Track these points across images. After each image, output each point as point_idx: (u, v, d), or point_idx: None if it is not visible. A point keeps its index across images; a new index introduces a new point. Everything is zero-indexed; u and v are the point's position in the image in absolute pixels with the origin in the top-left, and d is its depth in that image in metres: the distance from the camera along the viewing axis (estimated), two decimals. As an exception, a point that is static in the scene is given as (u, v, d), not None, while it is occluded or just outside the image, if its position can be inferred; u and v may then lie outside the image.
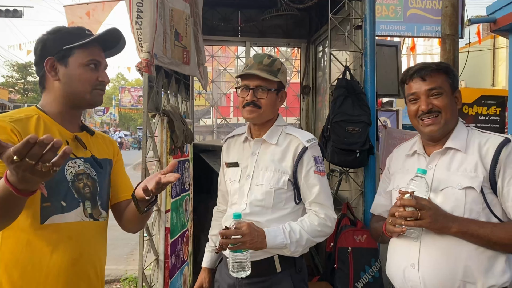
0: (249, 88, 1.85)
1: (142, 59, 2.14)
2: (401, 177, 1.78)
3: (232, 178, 1.95)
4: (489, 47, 16.49)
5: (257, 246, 1.68)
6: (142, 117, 2.17)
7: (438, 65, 1.70)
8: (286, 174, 1.83)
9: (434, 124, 1.65)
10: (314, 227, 1.80)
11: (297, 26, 4.61)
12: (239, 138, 2.01)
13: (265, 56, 1.89)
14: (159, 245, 2.40)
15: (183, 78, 2.91)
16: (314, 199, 1.83)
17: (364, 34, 3.28)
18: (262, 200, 1.83)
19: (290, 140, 1.88)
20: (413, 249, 1.63)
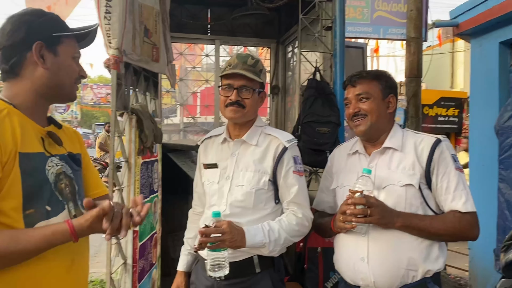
0: (233, 87, 1.84)
1: (110, 56, 2.06)
2: (344, 176, 1.90)
3: (210, 179, 1.93)
4: (449, 50, 17.10)
5: (236, 244, 1.68)
6: (108, 115, 2.09)
7: (368, 73, 1.87)
8: (266, 174, 1.84)
9: (361, 125, 1.81)
10: (292, 226, 1.82)
11: (267, 26, 4.60)
12: (216, 139, 1.99)
13: (249, 56, 1.89)
14: (127, 248, 2.33)
15: (151, 75, 2.83)
16: (292, 198, 1.84)
17: (334, 35, 3.31)
18: (243, 201, 1.82)
19: (270, 141, 1.89)
20: (361, 244, 1.74)
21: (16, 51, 1.36)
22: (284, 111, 4.58)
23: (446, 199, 1.72)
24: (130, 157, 2.32)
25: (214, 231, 1.63)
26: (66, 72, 1.42)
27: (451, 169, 1.73)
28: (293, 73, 4.43)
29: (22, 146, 1.28)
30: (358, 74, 1.86)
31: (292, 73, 4.45)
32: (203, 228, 1.65)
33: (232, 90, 1.84)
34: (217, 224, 1.65)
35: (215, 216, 1.67)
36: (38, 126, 1.39)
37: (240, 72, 1.81)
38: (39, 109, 1.42)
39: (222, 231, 1.63)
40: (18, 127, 1.30)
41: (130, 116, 2.31)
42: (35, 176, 1.30)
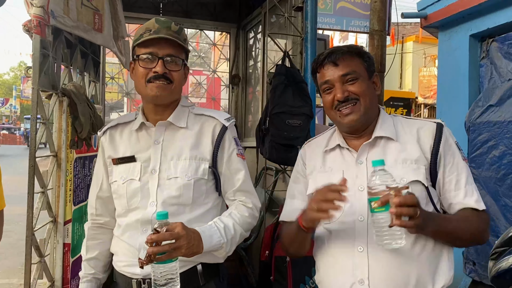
0: (157, 57, 1.46)
1: (32, 16, 1.56)
2: (326, 177, 1.48)
3: (126, 176, 1.54)
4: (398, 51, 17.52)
5: (193, 250, 1.34)
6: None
7: (350, 47, 1.51)
8: (205, 161, 1.54)
9: (353, 113, 1.44)
10: (245, 219, 1.55)
11: (227, 9, 4.18)
12: (127, 127, 1.61)
13: (172, 22, 1.53)
14: (55, 267, 1.82)
15: (91, 53, 2.32)
16: (240, 186, 1.58)
17: (305, 17, 2.95)
18: (179, 197, 1.49)
19: (203, 121, 1.59)
20: (359, 261, 1.39)
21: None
22: (245, 103, 4.18)
23: (456, 195, 1.42)
24: (59, 150, 1.81)
25: (169, 237, 1.25)
26: None
27: (459, 160, 1.44)
28: (256, 61, 4.04)
29: None
30: (338, 50, 1.47)
31: (255, 62, 4.06)
32: (153, 234, 1.25)
33: (157, 60, 1.46)
34: (169, 227, 1.27)
35: (161, 218, 1.27)
36: None
37: (167, 36, 1.46)
38: None
39: (177, 236, 1.27)
40: None
41: (61, 98, 1.81)
42: None
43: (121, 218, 1.55)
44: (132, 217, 1.50)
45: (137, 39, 1.49)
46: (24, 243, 4.86)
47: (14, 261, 5.72)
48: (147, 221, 1.47)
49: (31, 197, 1.56)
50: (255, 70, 4.05)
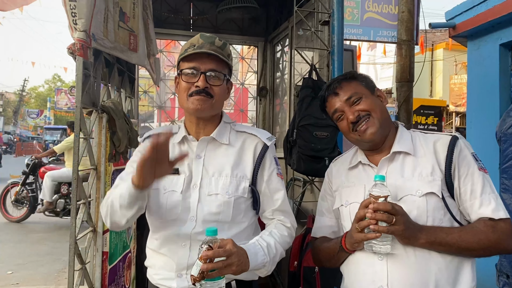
0: (199, 71, 1.47)
1: (76, 40, 1.68)
2: (349, 192, 1.60)
3: (168, 187, 1.53)
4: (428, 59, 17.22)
5: (242, 268, 1.33)
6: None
7: (344, 75, 1.64)
8: (245, 179, 1.53)
9: (370, 127, 1.52)
10: (285, 238, 1.54)
11: (254, 23, 4.28)
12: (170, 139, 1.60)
13: (216, 37, 1.53)
14: (95, 273, 1.93)
15: (127, 70, 2.45)
16: (279, 206, 1.57)
17: (331, 30, 3.00)
18: (219, 214, 1.49)
19: (245, 139, 1.59)
20: (379, 269, 1.45)
21: None
22: (272, 114, 4.24)
23: (472, 205, 1.45)
24: (99, 164, 1.93)
25: (222, 253, 1.25)
26: None
27: (474, 170, 1.47)
28: (283, 73, 4.11)
29: None
30: (334, 81, 1.59)
31: (282, 74, 4.13)
32: (208, 250, 1.25)
33: (199, 75, 1.47)
34: (220, 244, 1.28)
35: (211, 234, 1.28)
36: None
37: (209, 52, 1.46)
38: None
39: (229, 253, 1.27)
40: None
41: (100, 115, 1.92)
42: None
43: (159, 231, 1.55)
44: (170, 230, 1.51)
45: (182, 54, 1.51)
46: (59, 251, 5.04)
47: (50, 268, 5.91)
48: (186, 236, 1.47)
49: (74, 207, 1.67)
50: (282, 82, 4.12)
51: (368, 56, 18.43)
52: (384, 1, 5.56)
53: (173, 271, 1.47)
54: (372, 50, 18.60)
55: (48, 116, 47.13)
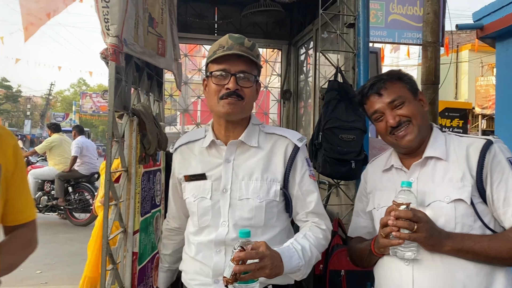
0: (230, 73, 1.45)
1: (108, 45, 1.72)
2: (380, 195, 1.62)
3: (198, 194, 1.54)
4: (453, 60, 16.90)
5: (276, 271, 1.31)
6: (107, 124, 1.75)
7: (389, 74, 1.59)
8: (276, 182, 1.51)
9: (409, 134, 1.51)
10: (320, 241, 1.51)
11: (278, 27, 4.29)
12: (196, 144, 1.61)
13: (245, 38, 1.51)
14: (125, 274, 1.97)
15: (155, 74, 2.49)
16: (313, 209, 1.54)
17: (357, 32, 3.00)
18: (251, 218, 1.48)
19: (275, 141, 1.56)
20: (405, 274, 1.46)
21: None
22: (296, 117, 4.25)
23: (505, 213, 1.41)
24: (130, 166, 1.97)
25: (255, 255, 1.24)
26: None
27: (509, 176, 1.42)
28: (307, 76, 4.11)
29: None
30: (379, 79, 1.56)
31: (306, 77, 4.13)
32: (240, 252, 1.24)
33: (229, 77, 1.45)
34: (253, 246, 1.26)
35: (244, 236, 1.27)
36: None
37: (240, 53, 1.43)
38: None
39: (262, 255, 1.25)
40: None
41: (131, 118, 1.97)
42: None
43: (194, 237, 1.56)
44: (204, 237, 1.52)
45: (211, 56, 1.49)
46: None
47: (77, 268, 6.03)
48: (220, 242, 1.47)
49: (106, 208, 1.71)
50: (306, 85, 4.12)
51: (391, 58, 18.22)
52: (409, 2, 5.50)
53: (210, 277, 1.48)
54: (396, 52, 18.39)
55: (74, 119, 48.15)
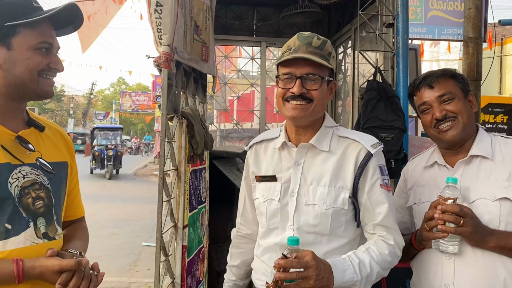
0: (295, 76, 1.41)
1: (161, 53, 1.86)
2: (422, 191, 1.65)
3: (267, 195, 1.52)
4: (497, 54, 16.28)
5: (323, 284, 1.26)
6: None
7: (444, 71, 1.64)
8: (345, 189, 1.44)
9: (453, 128, 1.55)
10: (385, 257, 1.42)
11: (316, 26, 4.34)
12: (270, 144, 1.59)
13: (314, 36, 1.45)
14: (176, 266, 2.11)
15: (200, 77, 2.63)
16: (381, 221, 1.45)
17: (396, 32, 3.01)
18: (316, 226, 1.43)
19: (347, 146, 1.48)
20: (446, 267, 1.51)
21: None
22: (334, 116, 4.29)
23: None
24: (180, 164, 2.11)
25: (296, 265, 1.22)
26: (26, 66, 1.21)
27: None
28: (345, 75, 4.14)
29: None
30: (433, 74, 1.62)
31: (344, 76, 4.16)
32: (281, 259, 1.23)
33: (294, 80, 1.41)
34: (298, 255, 1.24)
35: (292, 244, 1.26)
36: (5, 130, 1.22)
37: (304, 56, 1.39)
38: (8, 110, 1.25)
39: (305, 265, 1.23)
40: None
41: (181, 120, 2.10)
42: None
43: (262, 239, 1.56)
44: (271, 239, 1.51)
45: (279, 58, 1.48)
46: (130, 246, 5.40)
47: (122, 261, 6.32)
48: (285, 245, 1.37)
49: (160, 204, 1.85)
50: (344, 84, 4.16)
51: (431, 53, 17.76)
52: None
53: None
54: (436, 46, 17.91)
55: (114, 117, 49.64)
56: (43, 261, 1.16)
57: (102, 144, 18.02)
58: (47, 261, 1.16)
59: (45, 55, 1.24)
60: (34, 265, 1.15)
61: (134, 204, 11.49)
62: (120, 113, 44.57)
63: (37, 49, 1.23)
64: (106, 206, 10.75)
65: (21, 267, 1.13)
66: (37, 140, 1.29)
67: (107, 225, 8.48)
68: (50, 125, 1.40)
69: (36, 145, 1.27)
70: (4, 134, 1.22)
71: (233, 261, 1.74)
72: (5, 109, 1.24)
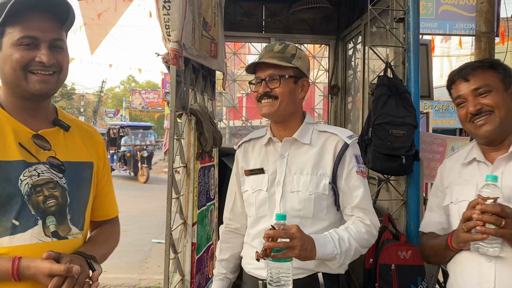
0: (261, 79, 1.65)
1: (169, 50, 1.85)
2: (460, 189, 1.58)
3: (256, 187, 1.69)
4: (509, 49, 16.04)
5: (306, 254, 1.42)
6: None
7: (481, 62, 1.59)
8: (326, 177, 1.62)
9: (487, 124, 1.49)
10: (362, 235, 1.59)
11: (325, 22, 4.30)
12: (258, 142, 1.78)
13: (276, 44, 1.69)
14: (185, 263, 2.11)
15: (209, 74, 2.61)
16: (358, 203, 1.62)
17: (407, 27, 2.97)
18: (300, 210, 1.60)
19: (326, 138, 1.67)
20: (486, 271, 1.43)
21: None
22: (344, 112, 4.26)
23: None
24: (189, 161, 2.10)
25: (283, 235, 1.37)
26: (9, 65, 1.21)
27: None
28: (355, 71, 4.10)
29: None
30: (469, 65, 1.57)
31: (354, 71, 4.12)
32: (270, 230, 1.38)
33: (261, 83, 1.64)
34: (285, 227, 1.39)
35: (279, 219, 1.41)
36: (25, 128, 1.22)
37: (264, 60, 1.63)
38: (27, 109, 1.25)
39: (291, 236, 1.38)
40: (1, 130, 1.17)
41: (189, 117, 2.10)
42: (3, 187, 1.17)
43: (251, 228, 1.71)
44: (260, 226, 1.66)
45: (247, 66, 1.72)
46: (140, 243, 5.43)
47: (133, 258, 6.37)
48: None
49: (169, 201, 1.85)
50: (354, 80, 4.12)
51: (442, 48, 17.53)
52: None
53: (262, 261, 1.58)
54: (447, 42, 17.69)
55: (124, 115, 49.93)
56: (38, 263, 1.16)
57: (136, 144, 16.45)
58: (41, 263, 1.15)
59: (28, 50, 1.21)
60: (30, 265, 1.15)
61: (144, 200, 11.57)
62: (130, 111, 44.80)
63: (19, 45, 1.21)
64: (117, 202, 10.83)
65: (16, 266, 1.13)
66: (58, 140, 1.30)
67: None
68: (80, 125, 1.40)
69: (56, 144, 1.28)
70: (23, 132, 1.23)
71: (222, 255, 1.86)
72: (21, 108, 1.25)
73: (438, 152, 4.22)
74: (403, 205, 2.97)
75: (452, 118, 15.94)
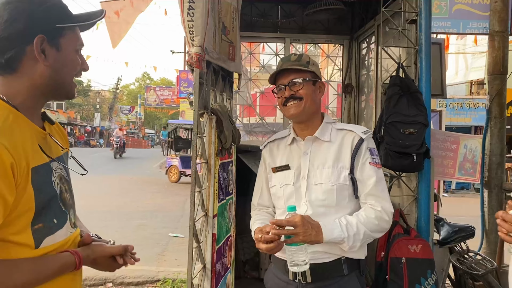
0: (284, 85, 1.85)
1: (193, 54, 1.99)
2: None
3: (283, 182, 1.89)
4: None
5: (311, 239, 1.62)
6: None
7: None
8: (345, 169, 1.80)
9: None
10: (371, 220, 1.75)
11: (339, 22, 4.40)
12: (282, 142, 1.99)
13: (291, 55, 1.91)
14: (206, 252, 2.25)
15: (227, 75, 2.75)
16: (370, 191, 1.79)
17: (419, 29, 3.06)
18: (324, 200, 1.79)
19: (344, 135, 1.86)
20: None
21: (13, 44, 1.17)
22: (357, 111, 4.36)
23: None
24: (210, 158, 2.24)
25: (286, 223, 1.60)
26: (69, 68, 1.27)
27: None
28: (368, 70, 4.20)
29: (32, 159, 1.16)
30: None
31: (367, 71, 4.22)
32: (274, 219, 1.65)
33: (284, 88, 1.84)
34: (290, 218, 1.62)
35: (290, 210, 1.64)
36: (37, 128, 1.25)
37: (284, 67, 1.84)
38: (38, 107, 1.28)
39: (294, 224, 1.59)
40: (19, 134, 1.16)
41: (210, 117, 2.24)
42: (45, 191, 1.20)
43: (282, 216, 1.85)
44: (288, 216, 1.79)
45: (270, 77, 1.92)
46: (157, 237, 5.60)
47: (150, 251, 6.53)
48: None
49: (193, 194, 1.99)
50: (367, 79, 4.21)
51: (457, 46, 17.40)
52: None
53: None
54: (462, 39, 17.55)
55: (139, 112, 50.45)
56: (95, 249, 1.33)
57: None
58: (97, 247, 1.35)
59: (80, 56, 1.30)
60: (88, 253, 1.30)
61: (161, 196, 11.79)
62: (145, 108, 45.25)
63: (77, 51, 1.29)
64: (134, 198, 11.08)
65: (80, 260, 1.26)
66: (53, 134, 1.34)
67: (135, 217, 8.76)
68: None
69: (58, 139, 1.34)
70: (38, 133, 1.24)
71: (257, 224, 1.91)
72: (35, 107, 1.26)
73: (451, 150, 4.29)
74: (414, 201, 3.07)
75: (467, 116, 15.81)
